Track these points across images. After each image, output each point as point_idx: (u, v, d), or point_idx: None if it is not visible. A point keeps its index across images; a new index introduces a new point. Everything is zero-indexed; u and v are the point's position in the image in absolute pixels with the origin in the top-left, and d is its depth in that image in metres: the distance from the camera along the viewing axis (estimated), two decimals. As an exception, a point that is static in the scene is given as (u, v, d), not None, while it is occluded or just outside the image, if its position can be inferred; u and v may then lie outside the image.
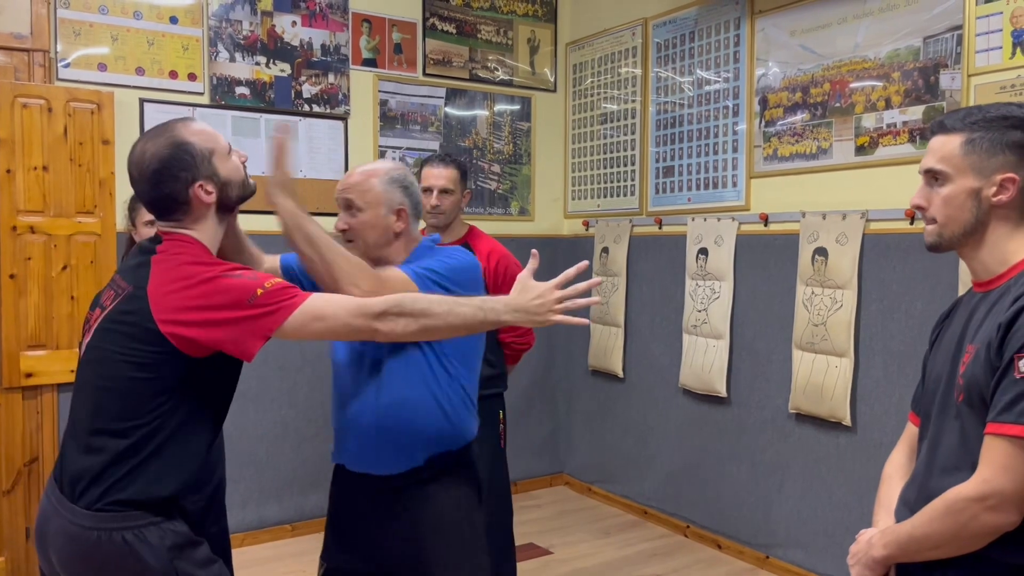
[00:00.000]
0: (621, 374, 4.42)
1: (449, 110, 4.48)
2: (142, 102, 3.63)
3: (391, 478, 1.84)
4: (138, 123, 3.62)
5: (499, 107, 4.65)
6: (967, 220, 1.44)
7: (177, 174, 1.60)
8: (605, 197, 4.58)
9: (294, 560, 3.69)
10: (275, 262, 1.99)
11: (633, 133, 4.37)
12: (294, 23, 3.99)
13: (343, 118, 4.14)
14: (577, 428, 4.80)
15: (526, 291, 1.66)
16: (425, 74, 4.39)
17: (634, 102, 4.36)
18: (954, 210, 1.44)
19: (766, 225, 3.62)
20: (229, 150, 1.69)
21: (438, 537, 1.83)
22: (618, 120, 4.47)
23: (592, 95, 4.67)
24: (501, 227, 4.56)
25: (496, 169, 4.66)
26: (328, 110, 4.09)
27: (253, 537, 3.90)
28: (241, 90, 3.86)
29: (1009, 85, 2.78)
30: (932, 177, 1.47)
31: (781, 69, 3.57)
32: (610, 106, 4.53)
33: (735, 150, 3.79)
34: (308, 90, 4.03)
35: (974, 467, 1.34)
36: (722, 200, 3.85)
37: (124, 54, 3.60)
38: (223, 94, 3.82)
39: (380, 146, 4.25)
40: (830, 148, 3.37)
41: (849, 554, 1.55)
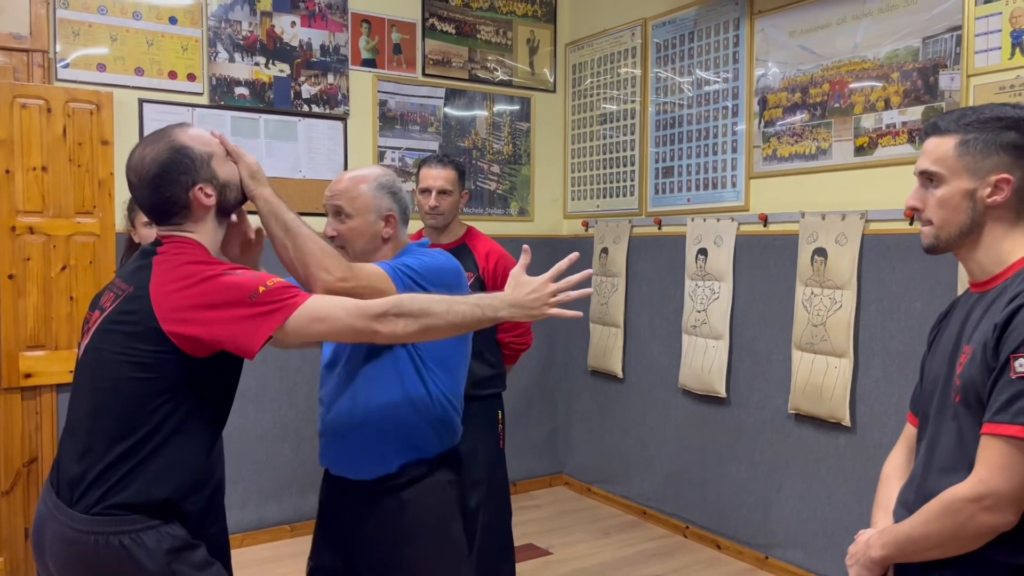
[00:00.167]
0: (620, 374, 4.42)
1: (448, 110, 4.48)
2: (141, 102, 3.63)
3: (367, 483, 1.85)
4: (137, 124, 3.62)
5: (498, 107, 4.65)
6: (963, 221, 1.44)
7: (177, 178, 1.61)
8: (604, 197, 4.58)
9: (293, 561, 3.69)
10: None
11: (632, 133, 4.37)
12: (293, 23, 3.99)
13: (342, 118, 4.14)
14: (576, 428, 4.80)
15: (520, 286, 1.68)
16: (424, 74, 4.39)
17: (633, 102, 4.36)
18: (949, 212, 1.44)
19: (765, 225, 3.62)
20: (226, 154, 1.71)
21: (413, 545, 1.83)
22: (617, 120, 4.47)
23: (591, 95, 4.67)
24: (500, 227, 4.57)
25: (495, 169, 4.66)
26: (327, 110, 4.09)
27: (252, 538, 3.90)
28: (240, 90, 3.86)
29: (1008, 85, 2.78)
30: (927, 179, 1.48)
31: (780, 69, 3.57)
32: (609, 106, 4.53)
33: (734, 150, 3.79)
34: (307, 90, 4.03)
35: (971, 467, 1.34)
36: (721, 200, 3.85)
37: (123, 54, 3.60)
38: (222, 94, 3.82)
39: (379, 146, 4.25)
40: (829, 148, 3.37)
41: (847, 555, 1.55)
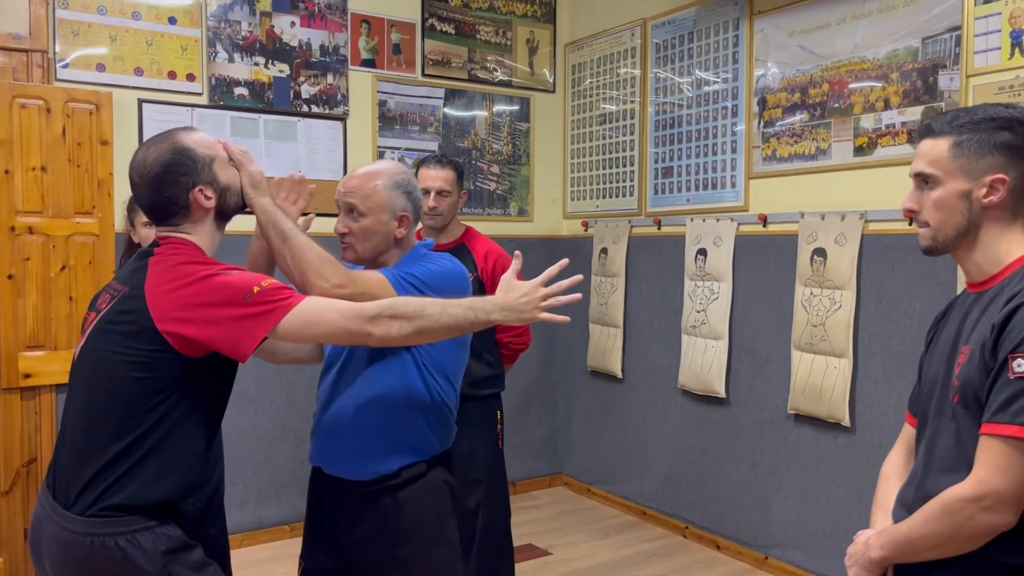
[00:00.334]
0: (620, 375, 4.41)
1: (448, 111, 4.48)
2: (141, 103, 3.63)
3: (363, 483, 1.84)
4: (137, 124, 3.62)
5: (498, 108, 4.65)
6: (959, 222, 1.44)
7: (178, 178, 1.62)
8: (604, 198, 4.58)
9: (292, 561, 3.66)
10: None
11: (632, 134, 4.37)
12: (293, 24, 3.99)
13: (342, 119, 4.14)
14: (576, 429, 4.80)
15: (512, 290, 1.70)
16: (424, 75, 4.39)
17: (633, 103, 4.36)
18: (945, 213, 1.44)
19: (765, 226, 3.62)
20: (229, 159, 1.72)
21: (410, 544, 1.83)
22: (617, 121, 4.47)
23: (591, 96, 4.67)
24: (500, 228, 4.57)
25: (495, 170, 4.66)
26: (327, 111, 4.09)
27: (252, 538, 3.90)
28: (240, 91, 3.86)
29: (1008, 86, 2.78)
30: (922, 180, 1.48)
31: (780, 70, 3.57)
32: (609, 107, 4.53)
33: (734, 151, 3.79)
34: (307, 91, 4.03)
35: (970, 467, 1.34)
36: (721, 201, 3.85)
37: (123, 54, 3.60)
38: (222, 95, 3.82)
39: (379, 147, 4.25)
40: (829, 149, 3.37)
41: (847, 555, 1.55)
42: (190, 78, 3.75)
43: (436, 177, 2.87)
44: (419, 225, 3.01)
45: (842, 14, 3.31)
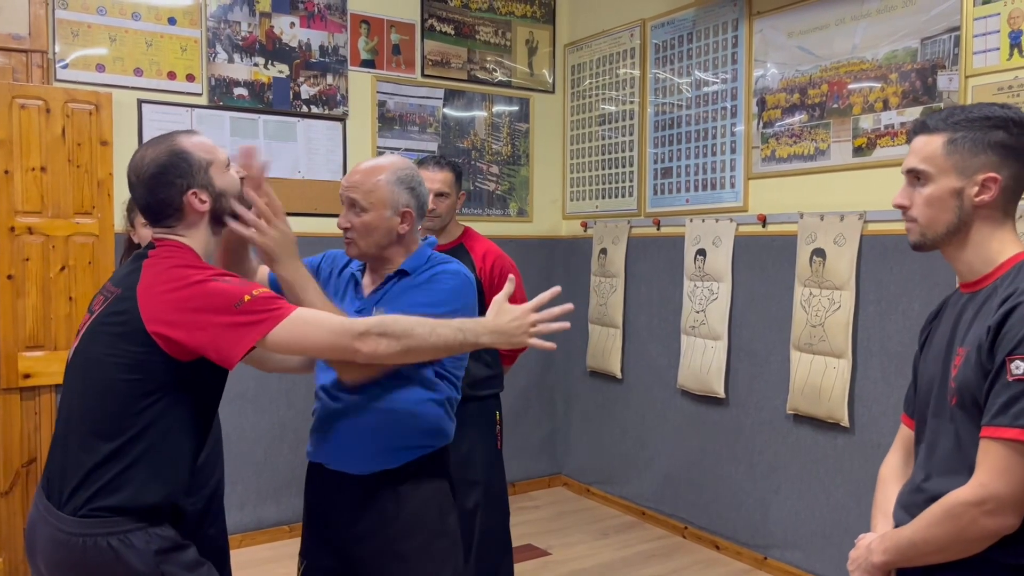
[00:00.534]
0: (619, 375, 4.42)
1: (447, 111, 4.48)
2: (140, 103, 3.64)
3: (364, 478, 1.84)
4: (136, 124, 3.62)
5: (497, 108, 4.65)
6: (950, 220, 1.44)
7: (173, 180, 1.62)
8: (603, 198, 4.58)
9: (291, 561, 3.65)
10: (264, 273, 1.99)
11: (631, 134, 4.37)
12: (292, 24, 3.99)
13: (341, 119, 4.14)
14: (575, 429, 4.80)
15: (502, 313, 1.70)
16: (423, 75, 4.39)
17: (632, 103, 4.36)
18: (936, 210, 1.45)
19: (764, 226, 3.62)
20: (228, 164, 1.71)
21: (412, 538, 1.83)
22: (616, 121, 4.48)
23: (590, 96, 4.67)
24: (499, 228, 4.57)
25: (494, 170, 4.67)
26: (326, 111, 4.09)
27: (251, 538, 3.90)
28: (239, 91, 3.86)
29: (1007, 86, 2.78)
30: (915, 177, 1.48)
31: (779, 70, 3.57)
32: (608, 107, 4.53)
33: (733, 151, 3.79)
34: (306, 91, 4.03)
35: (971, 470, 1.33)
36: (720, 201, 3.86)
37: (122, 55, 3.60)
38: (221, 95, 3.82)
39: (378, 147, 4.25)
40: (828, 149, 3.37)
41: (848, 560, 1.54)
42: (190, 78, 3.75)
43: (434, 179, 2.86)
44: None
45: (841, 15, 3.31)
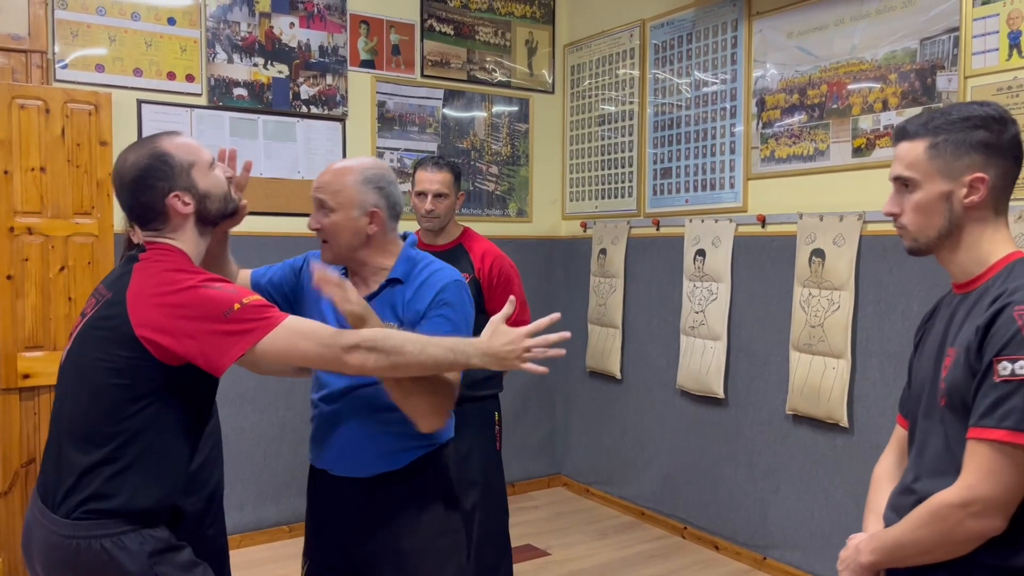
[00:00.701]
0: (619, 375, 4.42)
1: (447, 111, 4.48)
2: (140, 103, 3.64)
3: (368, 480, 1.84)
4: (136, 124, 3.62)
5: (497, 108, 4.65)
6: (940, 224, 1.43)
7: (154, 184, 1.61)
8: (603, 199, 4.58)
9: (291, 561, 3.68)
10: (246, 277, 1.97)
11: (631, 135, 4.37)
12: (292, 24, 3.99)
13: (341, 119, 4.14)
14: (575, 429, 4.80)
15: (497, 335, 1.64)
16: (423, 75, 4.39)
17: (632, 103, 4.36)
18: (926, 216, 1.43)
19: (763, 227, 3.62)
20: (212, 164, 1.69)
21: (413, 535, 1.83)
22: (616, 122, 4.48)
23: (590, 96, 4.67)
24: (499, 228, 4.57)
25: (494, 170, 4.67)
26: (326, 111, 4.09)
27: (250, 538, 3.91)
28: (239, 91, 3.86)
29: (1006, 87, 2.78)
30: (902, 184, 1.46)
31: (778, 71, 3.57)
32: (608, 107, 4.53)
33: (733, 151, 3.79)
34: (306, 91, 4.03)
35: (959, 471, 1.33)
36: (720, 202, 3.86)
37: (122, 55, 3.60)
38: (221, 95, 3.82)
39: (378, 147, 4.25)
40: (827, 150, 3.37)
41: (839, 559, 1.54)
42: (189, 79, 3.75)
43: (433, 180, 2.85)
44: (413, 228, 3.02)
45: (840, 15, 3.31)
